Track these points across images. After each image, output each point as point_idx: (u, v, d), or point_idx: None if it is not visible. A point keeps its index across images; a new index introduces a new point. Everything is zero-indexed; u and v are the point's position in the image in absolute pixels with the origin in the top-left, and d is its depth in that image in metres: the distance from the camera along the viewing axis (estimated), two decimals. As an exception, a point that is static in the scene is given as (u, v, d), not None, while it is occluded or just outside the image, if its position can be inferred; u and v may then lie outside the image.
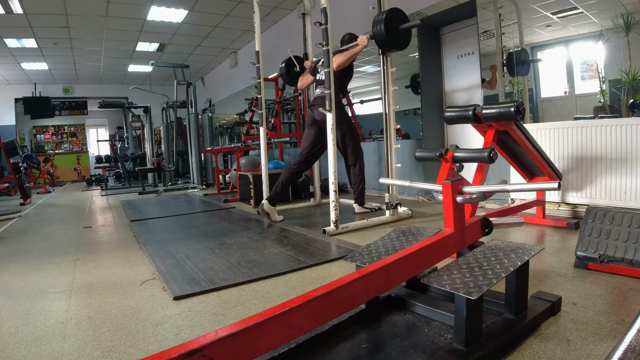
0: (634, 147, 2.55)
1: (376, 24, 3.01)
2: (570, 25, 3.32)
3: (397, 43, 3.10)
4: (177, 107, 8.24)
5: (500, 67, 3.64)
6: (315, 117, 3.40)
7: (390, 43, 3.05)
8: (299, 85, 3.85)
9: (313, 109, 3.44)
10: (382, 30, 2.97)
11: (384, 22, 2.96)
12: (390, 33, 2.99)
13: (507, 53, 3.61)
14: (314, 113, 3.41)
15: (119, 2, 5.99)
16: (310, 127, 3.49)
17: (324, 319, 1.04)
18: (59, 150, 13.31)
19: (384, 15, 2.98)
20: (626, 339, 0.58)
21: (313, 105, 3.48)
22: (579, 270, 1.83)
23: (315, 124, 3.44)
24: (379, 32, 2.99)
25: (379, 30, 2.99)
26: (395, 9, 3.06)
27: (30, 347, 1.36)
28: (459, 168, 2.10)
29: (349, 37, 3.44)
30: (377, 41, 3.07)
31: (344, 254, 2.25)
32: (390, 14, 3.01)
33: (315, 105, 3.41)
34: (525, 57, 3.59)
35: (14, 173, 6.42)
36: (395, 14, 3.05)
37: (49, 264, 2.45)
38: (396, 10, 3.06)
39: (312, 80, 3.63)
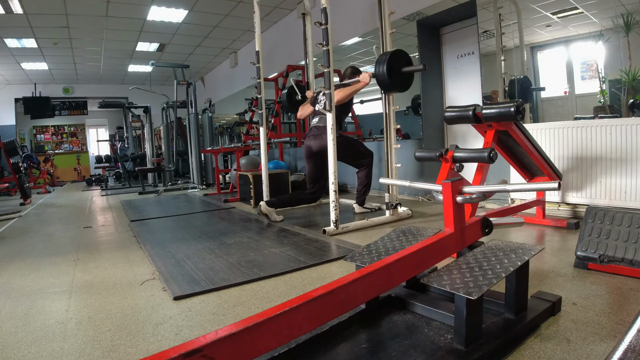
0: (634, 147, 2.55)
1: (379, 64, 3.00)
2: (570, 25, 3.32)
3: (398, 85, 3.08)
4: (177, 107, 8.24)
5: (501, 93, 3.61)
6: (313, 149, 3.36)
7: (392, 85, 3.04)
8: (299, 115, 3.84)
9: (310, 141, 3.40)
10: (384, 72, 2.96)
11: (386, 64, 2.94)
12: (392, 75, 2.98)
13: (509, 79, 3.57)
14: (311, 144, 3.37)
15: (119, 2, 5.99)
16: (309, 160, 3.45)
17: (324, 319, 1.04)
18: (59, 150, 13.31)
19: (387, 56, 2.97)
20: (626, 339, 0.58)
21: (309, 136, 3.44)
22: (579, 270, 1.83)
23: (312, 157, 3.40)
24: (381, 74, 2.98)
25: (381, 72, 2.97)
26: (399, 51, 3.04)
27: (30, 347, 1.36)
28: (459, 168, 2.10)
29: (351, 70, 3.43)
30: (379, 82, 3.06)
31: (344, 254, 2.25)
32: (394, 55, 2.99)
33: (311, 136, 3.39)
34: (527, 85, 3.55)
35: (14, 173, 6.42)
36: (398, 55, 3.03)
37: (49, 264, 2.45)
38: (400, 52, 3.05)
39: (311, 111, 3.58)
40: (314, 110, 3.47)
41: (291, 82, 4.27)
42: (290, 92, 4.34)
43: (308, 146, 3.42)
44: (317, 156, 3.34)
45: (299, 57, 5.15)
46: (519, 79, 3.57)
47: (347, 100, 3.31)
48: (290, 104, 4.37)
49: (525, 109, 2.10)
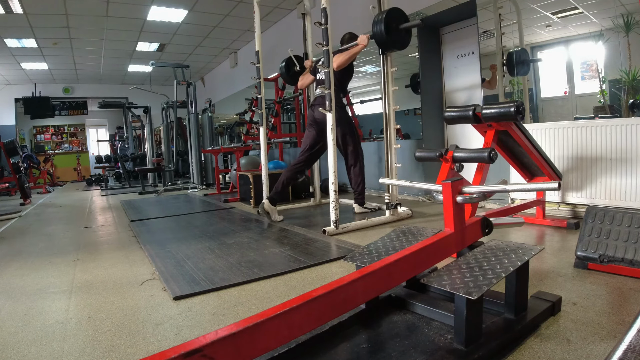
0: (634, 147, 2.55)
1: (376, 23, 3.01)
2: (570, 25, 3.32)
3: (397, 43, 3.10)
4: (177, 107, 8.24)
5: (500, 67, 3.64)
6: (316, 117, 3.41)
7: (390, 43, 3.06)
8: (299, 85, 3.85)
9: (313, 109, 3.45)
10: (382, 30, 2.97)
11: (384, 22, 2.96)
12: (390, 33, 3.00)
13: (507, 53, 3.61)
14: (314, 113, 3.41)
15: (119, 2, 5.99)
16: (311, 127, 3.49)
17: (324, 319, 1.04)
18: (59, 150, 13.31)
19: (384, 15, 2.99)
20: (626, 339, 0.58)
21: (313, 105, 3.49)
22: (579, 270, 1.83)
23: (315, 124, 3.44)
24: (379, 32, 3.00)
25: (379, 30, 2.99)
26: (395, 9, 3.06)
27: (30, 347, 1.36)
28: (459, 168, 2.10)
29: (349, 36, 3.44)
30: (377, 41, 3.07)
31: (344, 254, 2.25)
32: (390, 13, 3.01)
33: (316, 105, 3.42)
34: (525, 57, 3.59)
35: (14, 173, 6.42)
36: (395, 13, 3.05)
37: (49, 264, 2.45)
38: (396, 10, 3.07)
39: (312, 80, 3.63)
40: (315, 79, 3.48)
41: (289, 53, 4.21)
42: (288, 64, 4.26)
43: (311, 115, 3.46)
44: (319, 125, 3.36)
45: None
46: (516, 51, 3.58)
47: (348, 64, 3.31)
48: (289, 75, 4.28)
49: (525, 109, 2.10)
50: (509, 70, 3.61)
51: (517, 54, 3.59)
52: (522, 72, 3.61)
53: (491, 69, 3.77)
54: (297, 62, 4.19)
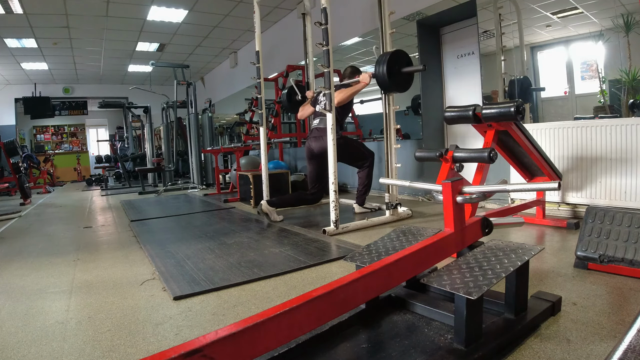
0: (634, 147, 2.55)
1: (379, 64, 3.00)
2: (570, 25, 3.32)
3: (399, 86, 3.08)
4: (177, 107, 8.24)
5: (501, 93, 3.61)
6: (314, 151, 3.37)
7: (392, 85, 3.04)
8: (299, 115, 3.84)
9: (310, 142, 3.40)
10: (384, 72, 2.96)
11: (386, 64, 2.95)
12: (392, 76, 2.98)
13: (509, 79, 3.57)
14: (312, 146, 3.38)
15: (119, 2, 5.99)
16: (310, 162, 3.46)
17: (324, 319, 1.04)
18: (59, 150, 13.32)
19: (387, 57, 2.97)
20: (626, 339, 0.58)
21: (310, 138, 3.44)
22: (579, 270, 1.83)
23: (314, 158, 3.40)
24: (381, 74, 2.98)
25: (381, 72, 2.98)
26: (399, 51, 3.05)
27: (30, 347, 1.36)
28: (459, 168, 2.10)
29: (351, 70, 3.43)
30: (379, 83, 3.07)
31: (344, 254, 2.25)
32: (394, 56, 3.00)
33: (312, 137, 3.39)
34: (527, 85, 3.55)
35: (14, 173, 6.42)
36: (398, 56, 3.03)
37: (49, 264, 2.45)
38: (400, 52, 3.05)
39: (311, 112, 3.58)
40: (315, 111, 3.47)
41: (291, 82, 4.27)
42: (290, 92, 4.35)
43: (309, 148, 3.42)
44: (318, 157, 3.34)
45: (299, 57, 5.15)
46: (519, 79, 3.57)
47: (348, 102, 3.31)
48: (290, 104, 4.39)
49: (525, 109, 2.10)
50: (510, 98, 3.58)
51: (520, 81, 3.55)
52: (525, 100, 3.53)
53: (492, 95, 3.75)
54: (298, 91, 4.26)
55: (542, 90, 3.59)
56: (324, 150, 3.17)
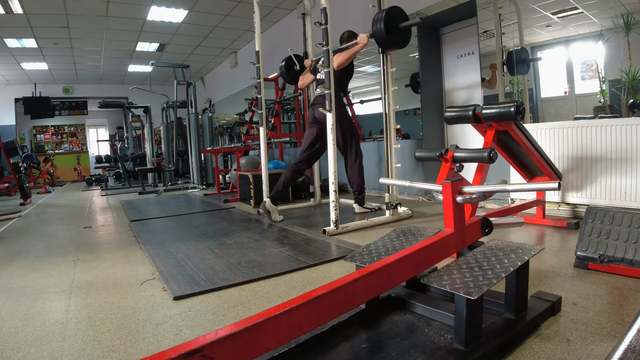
0: (634, 147, 2.55)
1: (376, 22, 3.01)
2: (570, 25, 3.32)
3: (397, 41, 3.10)
4: (177, 107, 8.24)
5: (500, 66, 3.64)
6: (316, 116, 3.41)
7: (390, 41, 3.05)
8: (299, 85, 3.85)
9: (314, 108, 3.45)
10: (382, 28, 2.97)
11: (383, 21, 2.96)
12: (390, 31, 2.99)
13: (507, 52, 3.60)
14: (315, 112, 3.42)
15: (119, 2, 5.99)
16: (311, 126, 3.50)
17: (324, 319, 1.04)
18: (59, 150, 13.32)
19: (384, 13, 2.98)
20: (626, 339, 0.58)
21: (314, 105, 3.49)
22: (579, 270, 1.83)
23: (316, 123, 3.45)
24: (379, 31, 2.99)
25: (379, 29, 2.99)
26: (395, 7, 3.06)
27: (30, 347, 1.36)
28: (459, 168, 2.10)
29: (348, 34, 3.44)
30: (377, 40, 3.07)
31: (344, 254, 2.25)
32: (390, 12, 3.01)
33: (316, 105, 3.42)
34: (525, 56, 3.59)
35: (14, 173, 6.42)
36: (395, 12, 3.05)
37: (49, 264, 2.45)
38: (396, 8, 3.07)
39: (312, 80, 3.63)
40: (315, 78, 3.48)
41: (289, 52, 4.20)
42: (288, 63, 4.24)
43: (312, 114, 3.46)
44: (320, 123, 3.37)
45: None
46: (516, 50, 3.58)
47: (349, 64, 3.31)
48: (289, 74, 4.27)
49: (525, 109, 2.10)
50: (509, 70, 3.61)
51: (517, 52, 3.59)
52: (522, 71, 3.61)
53: (491, 68, 3.77)
54: (297, 61, 4.17)
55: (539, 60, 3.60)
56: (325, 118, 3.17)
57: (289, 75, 4.26)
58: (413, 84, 4.89)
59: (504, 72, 3.63)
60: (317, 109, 3.36)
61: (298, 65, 4.16)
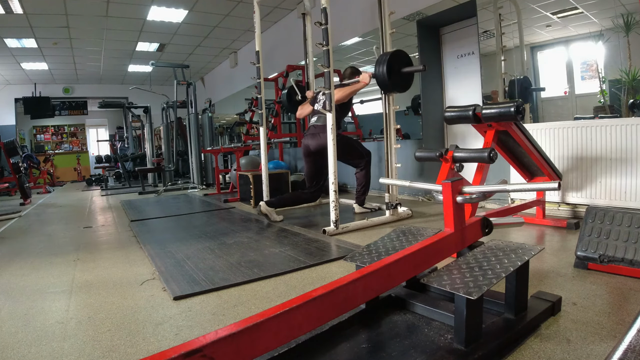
0: (634, 147, 2.55)
1: (379, 64, 3.00)
2: (570, 25, 3.32)
3: (398, 86, 3.08)
4: (177, 107, 8.24)
5: (501, 93, 3.61)
6: (311, 148, 3.35)
7: (392, 85, 3.04)
8: (298, 115, 3.83)
9: (307, 140, 3.39)
10: (384, 72, 2.96)
11: (386, 65, 2.94)
12: (392, 76, 2.98)
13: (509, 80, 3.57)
14: (309, 143, 3.36)
15: (119, 2, 5.99)
16: (307, 159, 3.45)
17: (324, 319, 1.04)
18: (59, 150, 13.32)
19: (387, 57, 2.97)
20: (626, 339, 0.58)
21: (307, 135, 3.42)
22: (579, 270, 1.83)
23: (310, 155, 3.40)
24: (381, 74, 2.98)
25: (381, 72, 2.97)
26: (399, 51, 3.04)
27: (30, 347, 1.36)
28: (459, 168, 2.10)
29: (351, 71, 3.43)
30: (379, 82, 3.06)
31: (344, 254, 2.25)
32: (394, 56, 2.99)
33: (309, 135, 3.38)
34: (527, 85, 3.55)
35: (14, 173, 6.42)
36: (398, 56, 3.02)
37: (49, 264, 2.45)
38: (400, 52, 3.05)
39: (310, 111, 3.58)
40: (313, 109, 3.47)
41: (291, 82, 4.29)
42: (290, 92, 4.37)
43: (306, 145, 3.41)
44: (315, 155, 3.34)
45: (299, 57, 5.15)
46: (518, 79, 3.57)
47: (347, 100, 3.31)
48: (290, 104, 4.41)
49: (525, 109, 2.10)
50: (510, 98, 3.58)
51: (519, 81, 3.55)
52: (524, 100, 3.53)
53: (492, 94, 3.75)
54: (298, 91, 4.30)
55: (542, 90, 3.59)
56: (320, 148, 3.19)
57: (290, 104, 4.45)
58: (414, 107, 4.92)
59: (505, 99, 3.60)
60: (310, 139, 3.34)
61: (300, 95, 4.27)
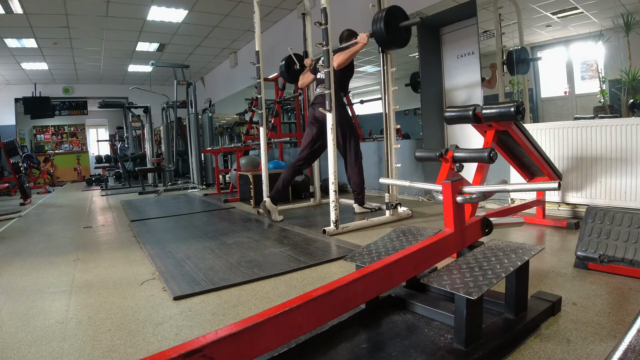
0: (634, 147, 2.55)
1: (376, 21, 3.01)
2: (570, 25, 3.32)
3: (396, 41, 3.10)
4: (177, 107, 8.24)
5: (500, 66, 3.63)
6: (316, 116, 3.40)
7: (390, 41, 3.05)
8: (299, 84, 3.84)
9: (314, 108, 3.44)
10: (382, 28, 2.96)
11: (383, 20, 2.96)
12: (390, 31, 2.99)
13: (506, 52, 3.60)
14: (315, 112, 3.41)
15: (119, 2, 5.99)
16: (311, 126, 3.49)
17: (324, 319, 1.04)
18: (59, 150, 13.31)
19: (384, 13, 2.98)
20: (626, 339, 0.58)
21: (314, 104, 3.48)
22: (579, 270, 1.83)
23: (316, 122, 3.44)
24: (379, 30, 2.99)
25: (379, 29, 2.98)
26: (394, 7, 3.06)
27: (30, 347, 1.36)
28: (459, 168, 2.10)
29: (348, 33, 3.43)
30: (377, 39, 3.07)
31: (344, 254, 2.25)
32: (390, 11, 3.01)
33: (316, 104, 3.41)
34: (525, 56, 3.58)
35: (14, 173, 6.42)
36: (394, 11, 3.05)
37: (49, 264, 2.45)
38: (396, 8, 3.06)
39: (312, 79, 3.62)
40: (315, 78, 3.47)
41: (289, 52, 4.20)
42: (288, 62, 4.25)
43: (312, 113, 3.45)
44: (321, 122, 3.36)
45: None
46: (516, 50, 3.58)
47: (349, 63, 3.30)
48: (289, 73, 4.27)
49: (525, 109, 2.10)
50: (509, 69, 3.61)
51: (517, 52, 3.58)
52: (522, 71, 3.61)
53: (491, 68, 3.77)
54: (297, 61, 4.17)
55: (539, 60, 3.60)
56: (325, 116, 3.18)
57: (289, 75, 4.25)
58: (413, 84, 4.89)
59: (504, 72, 3.63)
60: (317, 109, 3.36)
61: (298, 65, 4.15)
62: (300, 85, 3.86)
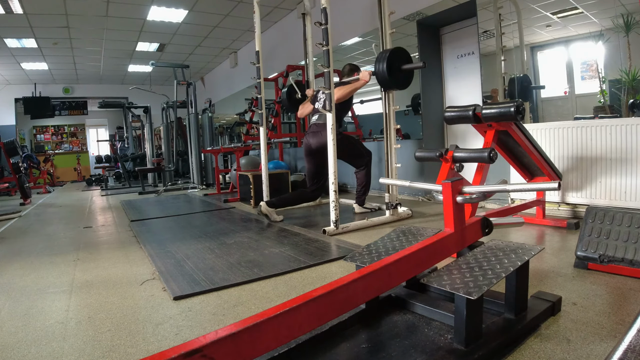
0: (634, 147, 2.55)
1: (379, 61, 3.00)
2: (570, 25, 3.32)
3: (399, 83, 3.08)
4: (177, 107, 8.24)
5: (501, 92, 3.61)
6: (312, 147, 3.36)
7: (392, 82, 3.03)
8: (299, 114, 3.83)
9: (309, 138, 3.39)
10: (384, 69, 2.95)
11: (386, 61, 2.94)
12: (392, 72, 2.98)
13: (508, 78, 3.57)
14: (310, 142, 3.37)
15: (119, 2, 5.99)
16: (308, 157, 3.45)
17: (324, 319, 1.04)
18: (59, 150, 13.31)
19: (388, 53, 2.97)
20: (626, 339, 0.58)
21: (308, 134, 3.42)
22: (579, 270, 1.83)
23: (312, 154, 3.40)
24: (381, 72, 2.98)
25: (381, 69, 2.97)
26: (399, 49, 3.04)
27: (30, 347, 1.36)
28: (459, 168, 2.09)
29: (350, 68, 3.42)
30: (379, 79, 3.06)
31: (344, 254, 2.25)
32: (394, 52, 2.99)
33: (310, 133, 3.38)
34: (527, 83, 3.54)
35: (14, 173, 6.42)
36: (398, 53, 3.02)
37: (49, 264, 2.45)
38: (400, 50, 3.04)
39: (311, 110, 3.58)
40: (314, 108, 3.47)
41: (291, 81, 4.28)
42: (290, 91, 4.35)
43: (307, 144, 3.41)
44: (317, 153, 3.34)
45: (299, 57, 5.15)
46: (518, 77, 3.57)
47: (347, 99, 3.31)
48: (290, 102, 4.38)
49: (525, 109, 2.10)
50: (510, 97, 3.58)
51: (519, 80, 3.55)
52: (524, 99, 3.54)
53: (492, 93, 3.76)
54: (298, 90, 4.28)
55: (542, 89, 3.59)
56: (321, 146, 3.18)
57: (290, 103, 4.43)
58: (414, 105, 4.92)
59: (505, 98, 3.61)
60: (311, 138, 3.34)
61: (299, 94, 4.26)
62: (299, 115, 3.85)
